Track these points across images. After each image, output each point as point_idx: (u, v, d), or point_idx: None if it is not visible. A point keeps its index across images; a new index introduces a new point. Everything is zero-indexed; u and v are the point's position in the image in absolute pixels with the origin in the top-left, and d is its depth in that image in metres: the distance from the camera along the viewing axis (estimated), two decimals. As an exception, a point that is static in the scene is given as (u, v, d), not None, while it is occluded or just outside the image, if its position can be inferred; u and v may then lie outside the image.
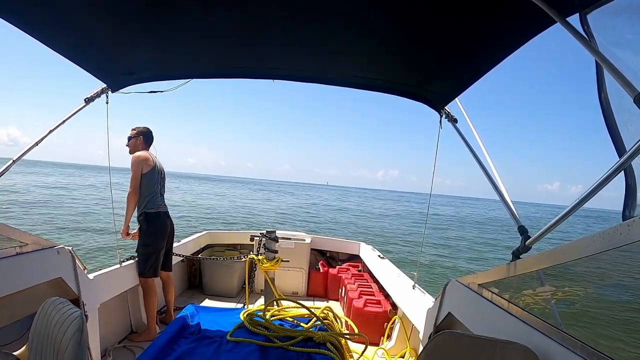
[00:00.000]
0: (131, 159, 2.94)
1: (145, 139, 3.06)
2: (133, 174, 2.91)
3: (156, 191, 3.00)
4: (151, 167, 2.95)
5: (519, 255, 1.34)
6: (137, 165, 2.91)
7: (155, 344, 1.84)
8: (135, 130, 3.05)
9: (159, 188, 3.03)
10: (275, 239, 2.91)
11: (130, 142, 3.04)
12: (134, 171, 2.90)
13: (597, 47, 1.08)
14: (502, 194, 1.69)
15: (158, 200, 3.02)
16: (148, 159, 2.95)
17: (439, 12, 1.38)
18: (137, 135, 3.04)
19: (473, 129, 2.00)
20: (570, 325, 1.11)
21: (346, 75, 2.16)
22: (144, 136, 3.05)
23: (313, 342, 1.96)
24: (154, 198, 2.98)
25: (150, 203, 2.95)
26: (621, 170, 0.98)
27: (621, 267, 1.35)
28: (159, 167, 3.05)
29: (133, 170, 2.91)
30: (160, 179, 3.07)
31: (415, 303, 2.49)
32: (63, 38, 1.71)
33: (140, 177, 2.91)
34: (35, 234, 1.79)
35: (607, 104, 1.14)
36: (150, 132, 3.10)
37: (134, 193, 2.90)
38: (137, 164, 2.91)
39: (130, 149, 3.03)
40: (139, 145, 3.03)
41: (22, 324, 1.72)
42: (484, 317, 1.40)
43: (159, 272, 3.03)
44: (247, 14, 1.52)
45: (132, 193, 2.90)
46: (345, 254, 4.63)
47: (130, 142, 3.04)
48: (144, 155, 2.96)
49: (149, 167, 2.94)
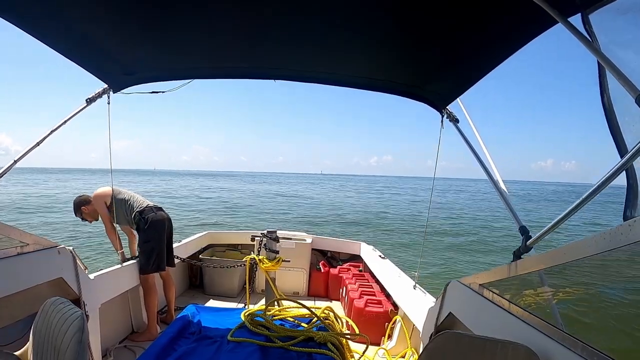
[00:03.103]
0: (95, 207, 3.02)
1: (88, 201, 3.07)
2: (101, 215, 3.01)
3: (131, 197, 3.05)
4: (110, 195, 3.00)
5: (520, 255, 1.33)
6: (99, 205, 2.99)
7: (156, 344, 1.85)
8: (81, 209, 3.05)
9: (131, 196, 3.07)
10: (276, 239, 2.91)
11: (88, 214, 3.06)
12: (100, 212, 3.00)
13: (599, 48, 1.08)
14: (503, 195, 1.69)
15: (140, 199, 3.08)
16: (103, 193, 3.00)
17: (440, 12, 1.38)
18: (86, 207, 3.05)
19: (474, 129, 2.00)
20: (571, 325, 1.11)
21: (346, 75, 2.16)
22: (85, 202, 3.06)
23: (314, 342, 1.96)
24: (136, 201, 3.04)
25: (136, 205, 3.01)
26: (623, 171, 0.97)
27: (621, 268, 1.35)
28: (117, 189, 3.08)
29: (100, 213, 3.01)
30: (127, 192, 3.11)
31: (416, 303, 2.49)
32: (64, 38, 1.71)
33: (108, 208, 2.99)
34: (36, 234, 1.80)
35: (610, 104, 1.13)
36: (81, 197, 3.09)
37: (109, 231, 3.02)
38: (99, 205, 2.99)
39: (92, 217, 3.09)
40: (93, 208, 3.05)
41: (23, 324, 1.72)
42: (485, 317, 1.40)
43: (165, 267, 3.05)
44: (246, 14, 1.52)
45: (108, 231, 3.02)
46: (346, 254, 4.63)
47: (87, 214, 3.07)
48: (98, 193, 3.01)
49: (108, 196, 3.00)
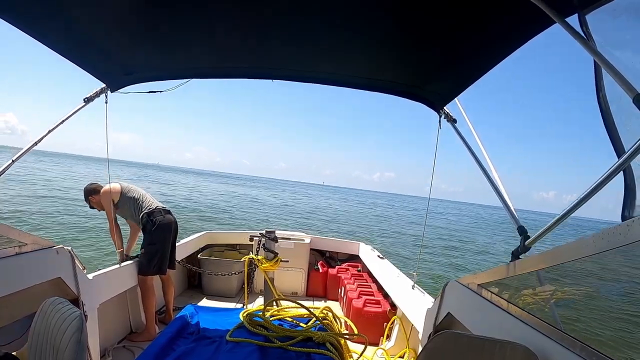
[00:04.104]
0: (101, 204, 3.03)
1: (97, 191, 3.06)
2: (106, 211, 3.01)
3: (141, 196, 3.05)
4: (119, 193, 3.00)
5: (518, 255, 1.34)
6: (105, 201, 2.98)
7: (154, 344, 1.84)
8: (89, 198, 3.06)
9: (141, 195, 3.07)
10: (274, 239, 2.91)
11: (96, 203, 3.07)
12: (105, 209, 3.00)
13: (596, 48, 1.08)
14: (502, 195, 1.69)
15: (149, 200, 3.07)
16: (112, 190, 2.99)
17: (438, 12, 1.38)
18: (94, 197, 3.05)
19: (472, 130, 2.00)
20: (570, 324, 1.11)
21: (345, 76, 2.16)
22: (94, 192, 3.06)
23: (312, 342, 1.96)
24: (145, 201, 3.03)
25: (145, 205, 3.00)
26: (620, 171, 0.98)
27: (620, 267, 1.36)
28: (127, 187, 3.08)
29: (105, 209, 3.01)
30: (137, 190, 3.10)
31: (414, 303, 2.49)
32: (62, 38, 1.71)
33: (115, 206, 2.99)
34: (35, 234, 1.79)
35: (606, 104, 1.13)
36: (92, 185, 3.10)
37: (112, 229, 3.03)
38: (105, 201, 2.98)
39: (98, 207, 3.08)
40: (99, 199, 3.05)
41: (21, 323, 1.72)
42: (484, 317, 1.40)
43: (166, 270, 3.05)
44: (246, 14, 1.52)
45: (111, 229, 3.03)
46: (345, 254, 4.63)
47: (95, 203, 3.07)
48: (107, 189, 3.00)
49: (117, 194, 2.99)
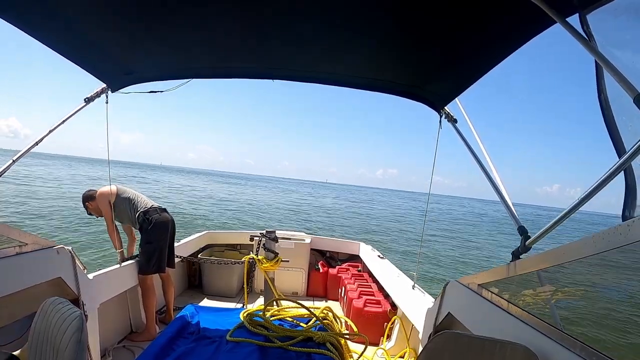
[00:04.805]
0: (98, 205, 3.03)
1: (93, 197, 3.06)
2: (104, 213, 3.01)
3: (135, 197, 3.06)
4: (115, 194, 3.01)
5: (518, 255, 1.34)
6: (102, 203, 2.99)
7: (154, 344, 1.84)
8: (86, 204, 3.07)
9: (135, 195, 3.08)
10: (275, 239, 2.91)
11: (93, 209, 3.07)
12: (103, 211, 3.00)
13: (597, 47, 1.08)
14: (502, 194, 1.69)
15: (144, 200, 3.09)
16: (108, 192, 3.00)
17: (438, 12, 1.38)
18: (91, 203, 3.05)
19: (473, 129, 2.00)
20: (570, 325, 1.11)
21: (345, 76, 2.16)
22: (90, 199, 3.06)
23: (313, 342, 1.96)
24: (140, 201, 3.05)
25: (140, 205, 3.02)
26: (621, 171, 0.98)
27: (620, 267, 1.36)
28: (122, 188, 3.10)
29: (103, 211, 3.01)
30: (132, 191, 3.12)
31: (415, 303, 2.48)
32: (62, 38, 1.71)
33: (113, 207, 2.99)
34: (35, 234, 1.79)
35: (607, 104, 1.13)
36: (88, 192, 3.10)
37: (110, 230, 3.03)
38: (102, 203, 2.99)
39: (97, 213, 3.08)
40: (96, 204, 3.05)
41: (21, 323, 1.72)
42: (484, 317, 1.40)
43: (165, 269, 3.05)
44: (246, 14, 1.52)
45: (109, 230, 3.03)
46: (345, 254, 4.63)
47: (92, 209, 3.07)
48: (102, 192, 3.01)
49: (113, 195, 3.01)
